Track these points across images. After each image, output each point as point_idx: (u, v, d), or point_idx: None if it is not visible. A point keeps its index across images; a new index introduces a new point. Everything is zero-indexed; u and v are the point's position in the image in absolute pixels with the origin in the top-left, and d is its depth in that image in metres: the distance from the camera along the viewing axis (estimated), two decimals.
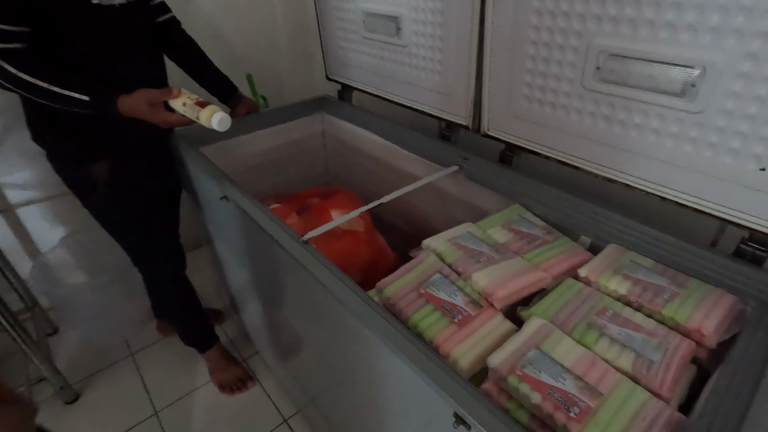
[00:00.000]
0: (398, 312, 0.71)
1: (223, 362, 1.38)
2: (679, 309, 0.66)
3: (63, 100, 0.83)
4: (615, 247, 0.81)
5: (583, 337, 0.63)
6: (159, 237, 1.13)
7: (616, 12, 0.70)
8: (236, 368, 1.38)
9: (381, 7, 1.14)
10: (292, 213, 1.21)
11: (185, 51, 1.18)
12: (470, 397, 0.52)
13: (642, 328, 0.64)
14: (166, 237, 1.16)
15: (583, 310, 0.68)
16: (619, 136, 0.80)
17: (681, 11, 0.64)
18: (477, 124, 1.06)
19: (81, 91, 0.82)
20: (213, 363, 1.38)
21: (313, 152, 1.61)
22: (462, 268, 0.77)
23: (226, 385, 1.36)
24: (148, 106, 0.87)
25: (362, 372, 0.76)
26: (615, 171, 0.84)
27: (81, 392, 1.38)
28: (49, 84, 0.81)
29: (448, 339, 0.65)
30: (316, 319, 0.85)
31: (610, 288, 0.72)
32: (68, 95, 0.82)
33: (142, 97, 0.86)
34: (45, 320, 1.57)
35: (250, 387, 1.38)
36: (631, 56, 0.71)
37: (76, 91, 0.82)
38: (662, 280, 0.72)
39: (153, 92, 0.88)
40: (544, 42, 0.83)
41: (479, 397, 0.52)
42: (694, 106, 0.68)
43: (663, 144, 0.74)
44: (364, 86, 1.38)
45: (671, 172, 0.76)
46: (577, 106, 0.84)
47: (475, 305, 0.71)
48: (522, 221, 0.91)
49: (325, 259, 0.76)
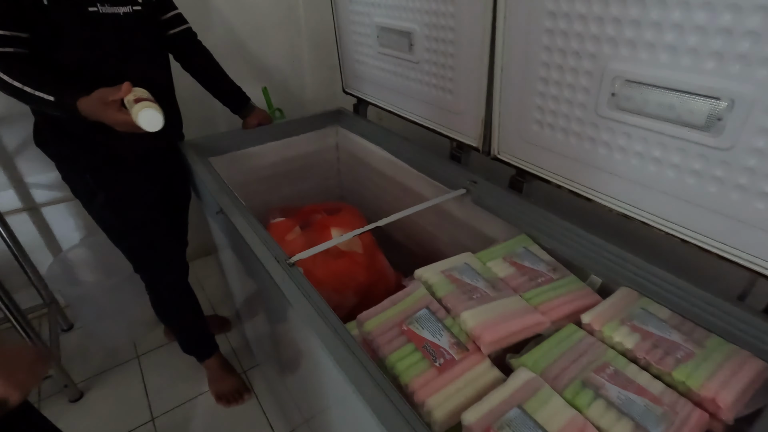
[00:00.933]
0: (376, 349, 0.66)
1: (221, 372, 1.37)
2: (693, 372, 0.58)
3: (34, 101, 0.83)
4: (627, 291, 0.73)
5: (576, 397, 0.56)
6: (157, 245, 1.13)
7: (633, 35, 0.64)
8: (234, 379, 1.37)
9: (394, 22, 1.11)
10: (296, 227, 1.19)
11: (198, 62, 1.19)
12: None
13: (646, 392, 0.57)
14: (165, 245, 1.16)
15: (580, 364, 0.61)
16: (635, 169, 0.72)
17: (706, 36, 0.56)
18: (487, 147, 1.00)
19: (48, 91, 0.82)
20: (212, 372, 1.37)
21: (327, 165, 1.59)
22: (452, 305, 0.71)
23: (223, 395, 1.35)
24: (102, 104, 0.82)
25: (335, 408, 0.72)
26: (631, 207, 0.76)
27: (85, 391, 1.40)
28: (23, 84, 0.81)
29: (426, 385, 0.60)
30: (298, 344, 0.82)
31: (615, 340, 0.64)
32: (38, 96, 0.82)
33: (95, 96, 0.82)
34: (61, 316, 1.62)
35: (246, 399, 1.36)
36: (650, 83, 0.64)
37: (44, 92, 0.82)
38: (677, 336, 0.64)
39: (105, 90, 0.83)
40: (556, 64, 0.77)
41: None
42: (720, 141, 0.60)
43: (684, 181, 0.66)
44: (379, 101, 1.35)
45: (693, 213, 0.67)
46: (590, 133, 0.77)
47: (461, 348, 0.65)
48: (527, 254, 0.84)
49: (307, 284, 0.72)
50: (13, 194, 1.48)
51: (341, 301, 1.05)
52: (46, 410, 1.32)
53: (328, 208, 1.25)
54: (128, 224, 1.07)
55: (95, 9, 0.87)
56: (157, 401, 1.37)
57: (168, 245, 1.17)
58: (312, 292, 0.70)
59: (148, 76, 0.97)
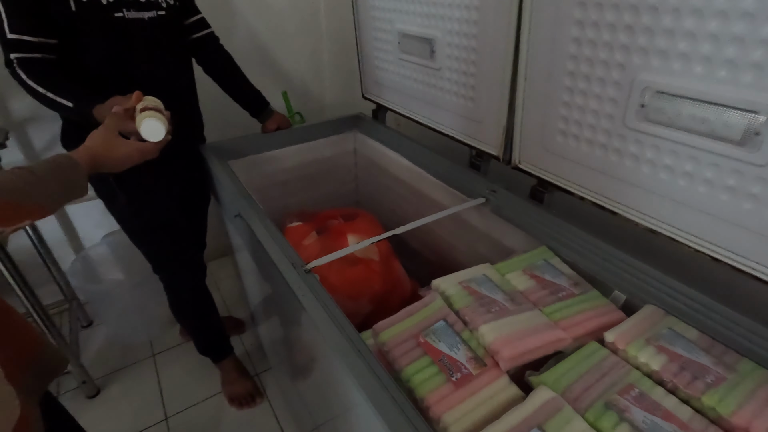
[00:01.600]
0: (392, 361, 0.65)
1: (235, 374, 1.37)
2: (724, 398, 0.55)
3: (56, 106, 0.85)
4: (653, 309, 0.71)
5: (599, 419, 0.54)
6: (176, 246, 1.15)
7: (666, 45, 0.62)
8: (247, 382, 1.37)
9: (416, 28, 1.11)
10: (312, 232, 1.18)
11: (220, 65, 1.20)
12: None
13: (673, 417, 0.54)
14: (184, 247, 1.17)
15: (603, 385, 0.59)
16: (665, 183, 0.70)
17: (744, 47, 0.54)
18: (508, 156, 0.99)
19: (68, 97, 0.84)
20: (225, 374, 1.38)
21: (345, 170, 1.59)
22: (470, 318, 0.69)
23: (236, 398, 1.35)
24: None
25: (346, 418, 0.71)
26: (658, 221, 0.73)
27: (102, 388, 1.43)
28: (45, 90, 0.83)
29: (442, 400, 0.58)
30: (311, 351, 0.81)
31: (641, 360, 0.62)
32: (58, 101, 0.84)
33: (108, 105, 0.83)
34: (81, 313, 1.65)
35: (258, 403, 1.36)
36: (682, 95, 0.62)
37: (64, 98, 0.83)
38: (706, 359, 0.61)
39: (118, 99, 0.83)
40: (582, 74, 0.75)
41: None
42: (757, 157, 0.57)
43: (717, 197, 0.64)
44: (398, 107, 1.35)
45: (726, 231, 0.65)
46: (617, 145, 0.75)
47: (479, 363, 0.63)
48: (547, 267, 0.82)
49: (323, 291, 0.72)
50: None
51: (356, 309, 1.04)
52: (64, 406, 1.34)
53: (345, 214, 1.25)
54: (148, 226, 1.09)
55: (121, 14, 0.89)
56: (171, 401, 1.38)
57: (187, 247, 1.18)
58: (328, 300, 0.69)
59: (172, 80, 0.98)
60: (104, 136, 0.72)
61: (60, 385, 1.43)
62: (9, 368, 0.55)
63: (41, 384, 0.66)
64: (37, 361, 0.65)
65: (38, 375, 0.64)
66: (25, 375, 0.60)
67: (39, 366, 0.65)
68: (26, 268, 1.47)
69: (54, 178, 0.61)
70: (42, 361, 0.66)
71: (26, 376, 0.61)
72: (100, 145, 0.71)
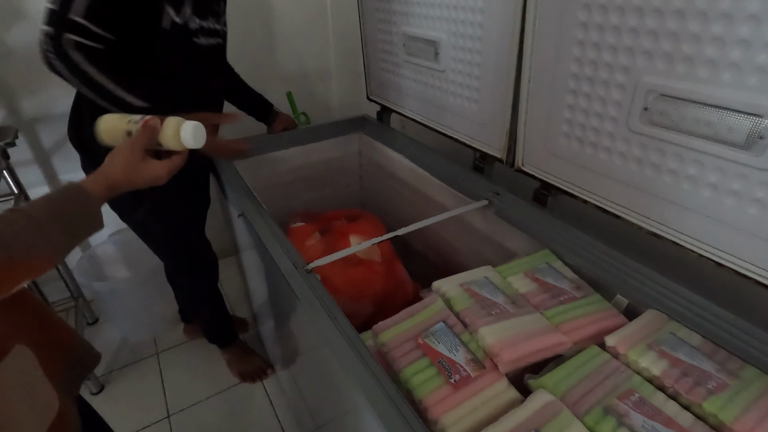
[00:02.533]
0: (391, 361, 0.65)
1: (241, 353, 1.44)
2: (726, 405, 0.54)
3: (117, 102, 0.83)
4: (655, 314, 0.70)
5: (598, 424, 0.54)
6: (197, 248, 1.19)
7: (670, 48, 0.61)
8: (256, 358, 1.45)
9: (420, 30, 1.11)
10: (315, 233, 1.19)
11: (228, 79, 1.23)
12: None
13: (673, 423, 0.53)
14: (203, 248, 1.21)
15: (603, 389, 0.59)
16: (669, 187, 0.69)
17: (750, 50, 0.54)
18: (511, 158, 0.98)
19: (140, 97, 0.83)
20: (232, 355, 1.44)
21: (349, 172, 1.60)
22: (470, 320, 0.69)
23: (247, 374, 1.41)
24: None
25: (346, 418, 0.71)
26: (662, 226, 0.73)
27: (106, 384, 1.44)
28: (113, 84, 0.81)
29: (440, 402, 0.58)
30: (311, 350, 0.81)
31: (641, 365, 0.61)
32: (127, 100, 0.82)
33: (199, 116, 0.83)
34: (87, 310, 1.67)
35: (270, 374, 1.43)
36: (686, 98, 0.62)
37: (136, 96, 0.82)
38: (709, 365, 0.60)
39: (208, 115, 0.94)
40: (586, 76, 0.74)
41: None
42: (761, 161, 0.56)
43: (721, 202, 0.63)
44: (402, 109, 1.35)
45: (730, 235, 0.64)
46: (621, 149, 0.74)
47: (478, 365, 0.63)
48: (549, 270, 0.82)
49: (324, 291, 0.72)
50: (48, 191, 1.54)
51: (358, 310, 1.04)
52: None
53: (348, 215, 1.25)
54: (171, 230, 1.11)
55: (198, 41, 0.95)
56: (174, 398, 1.39)
57: (206, 247, 1.23)
58: (328, 300, 0.70)
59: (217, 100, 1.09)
60: (127, 159, 0.63)
61: None
62: (47, 365, 0.54)
63: (77, 380, 0.65)
64: (73, 358, 0.64)
65: (74, 371, 0.63)
66: (61, 372, 0.59)
67: (74, 362, 0.64)
68: None
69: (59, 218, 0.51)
70: (77, 357, 0.65)
71: (63, 373, 0.59)
72: (121, 170, 0.62)
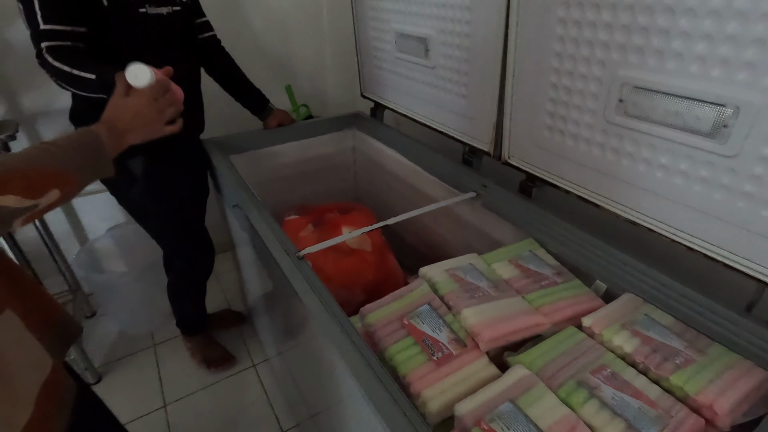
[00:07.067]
0: (377, 341, 0.68)
1: (205, 342, 1.49)
2: (691, 378, 0.57)
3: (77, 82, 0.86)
4: (631, 297, 0.73)
5: (570, 396, 0.57)
6: (194, 227, 1.22)
7: (642, 42, 0.65)
8: (218, 346, 1.49)
9: (411, 28, 1.14)
10: (309, 224, 1.22)
11: (222, 67, 1.25)
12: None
13: (642, 395, 0.57)
14: (199, 228, 1.24)
15: (577, 365, 0.62)
16: (643, 175, 0.73)
17: (713, 44, 0.57)
18: (498, 152, 1.02)
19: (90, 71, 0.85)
20: (195, 344, 1.48)
21: (343, 167, 1.63)
22: (453, 302, 0.72)
23: (211, 360, 1.46)
24: None
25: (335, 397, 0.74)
26: (638, 213, 0.76)
27: (103, 375, 1.46)
28: (70, 68, 0.85)
29: (423, 377, 0.61)
30: (302, 333, 0.84)
31: (615, 343, 0.65)
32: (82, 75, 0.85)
33: None
34: (85, 303, 1.69)
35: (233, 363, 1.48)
36: (657, 90, 0.65)
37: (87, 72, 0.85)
38: (678, 342, 0.63)
39: None
40: (566, 71, 0.78)
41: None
42: (726, 149, 0.60)
43: (691, 188, 0.66)
44: (395, 105, 1.38)
45: (700, 221, 0.67)
46: (599, 140, 0.77)
47: (460, 344, 0.66)
48: (532, 258, 0.85)
49: (314, 275, 0.75)
50: None
51: (349, 298, 1.07)
52: None
53: (341, 208, 1.28)
54: (167, 207, 1.14)
55: (144, 10, 0.95)
56: (170, 389, 1.42)
57: (205, 236, 1.25)
58: (318, 284, 0.73)
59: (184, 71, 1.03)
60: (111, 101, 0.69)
61: None
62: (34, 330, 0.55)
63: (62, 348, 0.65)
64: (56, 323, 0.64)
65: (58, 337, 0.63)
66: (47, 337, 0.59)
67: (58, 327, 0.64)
68: (33, 258, 1.52)
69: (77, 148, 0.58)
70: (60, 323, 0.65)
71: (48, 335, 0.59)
72: (109, 110, 0.68)
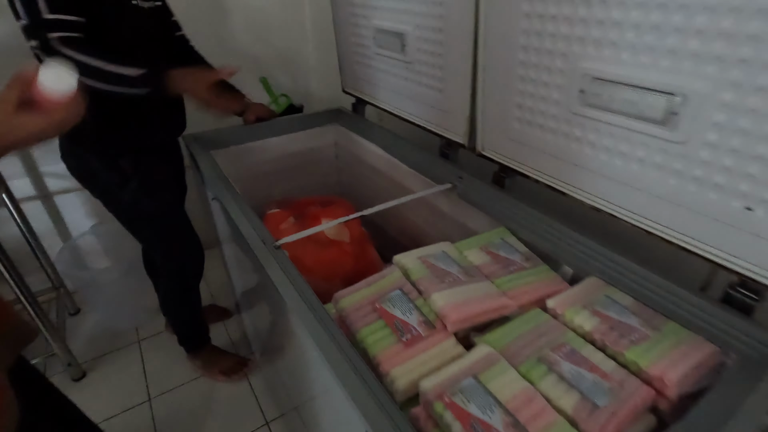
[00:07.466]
0: (350, 324, 0.70)
1: (217, 354, 1.45)
2: (644, 353, 0.61)
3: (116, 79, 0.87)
4: (594, 280, 0.76)
5: (530, 371, 0.60)
6: (186, 230, 1.21)
7: (599, 34, 0.68)
8: (230, 355, 1.47)
9: (388, 24, 1.16)
10: (289, 218, 1.23)
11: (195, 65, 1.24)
12: (385, 419, 0.50)
13: (597, 369, 0.60)
14: (191, 231, 1.23)
15: (539, 343, 0.65)
16: (604, 163, 0.76)
17: (661, 35, 0.60)
18: (473, 144, 1.04)
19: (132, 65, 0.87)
20: (206, 360, 1.43)
21: (326, 162, 1.65)
22: (424, 287, 0.75)
23: (229, 370, 1.42)
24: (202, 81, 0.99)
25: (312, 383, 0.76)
26: (600, 199, 0.79)
27: (88, 371, 1.47)
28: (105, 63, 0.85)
29: (392, 357, 0.64)
30: (280, 322, 0.86)
31: (576, 323, 0.68)
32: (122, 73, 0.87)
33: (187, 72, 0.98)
34: (69, 301, 1.69)
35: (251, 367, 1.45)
36: (614, 80, 0.68)
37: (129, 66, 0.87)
38: (635, 321, 0.67)
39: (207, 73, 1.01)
40: (532, 63, 0.81)
41: (402, 422, 0.50)
42: (676, 135, 0.63)
43: (647, 174, 0.70)
44: (375, 100, 1.40)
45: (656, 205, 0.70)
46: (564, 130, 0.80)
47: (429, 326, 0.69)
48: (503, 245, 0.88)
49: (290, 264, 0.77)
50: (28, 182, 1.56)
51: (329, 288, 1.08)
52: None
53: (323, 201, 1.30)
54: (161, 208, 1.13)
55: (136, 2, 0.96)
56: (155, 383, 1.43)
57: (192, 231, 1.24)
58: (293, 271, 0.75)
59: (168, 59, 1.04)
60: None
61: (47, 367, 1.47)
62: None
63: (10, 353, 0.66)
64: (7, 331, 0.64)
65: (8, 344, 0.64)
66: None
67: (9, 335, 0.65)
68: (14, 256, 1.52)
69: None
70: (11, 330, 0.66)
71: None
72: None
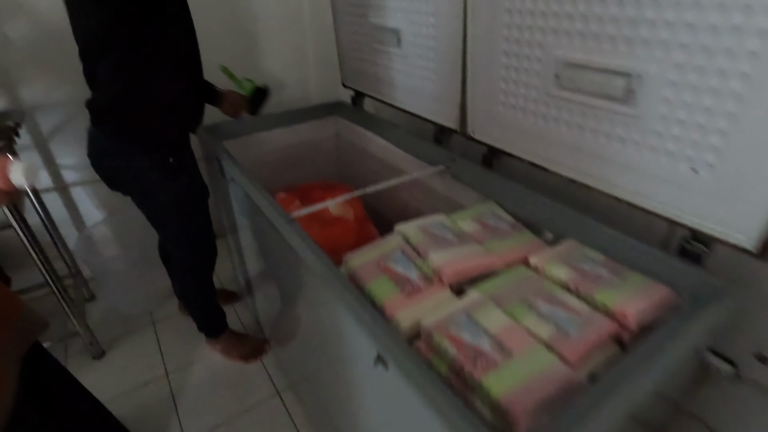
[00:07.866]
0: (358, 280, 0.80)
1: (236, 338, 1.53)
2: (611, 295, 0.72)
3: None
4: (571, 242, 0.87)
5: (513, 310, 0.70)
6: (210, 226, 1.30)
7: (569, 26, 0.79)
8: (249, 338, 1.56)
9: (385, 20, 1.27)
10: (296, 201, 1.34)
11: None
12: (391, 343, 0.61)
13: (571, 309, 0.71)
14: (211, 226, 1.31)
15: (522, 291, 0.75)
16: (577, 138, 0.87)
17: (619, 25, 0.71)
18: (464, 128, 1.15)
19: None
20: (226, 343, 1.51)
21: (327, 152, 1.75)
22: (422, 249, 0.85)
23: (249, 354, 1.51)
24: None
25: (327, 330, 0.87)
26: (576, 172, 0.90)
27: (107, 350, 1.56)
28: None
29: (396, 305, 0.74)
30: (297, 284, 0.97)
31: (554, 274, 0.78)
32: None
33: None
34: (85, 287, 1.78)
35: (268, 349, 1.54)
36: (583, 65, 0.79)
37: None
38: (605, 272, 0.78)
39: None
40: (514, 53, 0.91)
41: (402, 344, 0.61)
42: (634, 110, 0.74)
43: (613, 146, 0.81)
44: (374, 92, 1.51)
45: (622, 174, 0.81)
46: (543, 111, 0.91)
47: (427, 281, 0.79)
48: (492, 216, 0.99)
49: (305, 233, 0.87)
50: (46, 174, 1.65)
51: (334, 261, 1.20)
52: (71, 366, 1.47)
53: (326, 186, 1.40)
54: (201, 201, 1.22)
55: None
56: (171, 359, 1.52)
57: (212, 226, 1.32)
58: (308, 239, 0.85)
59: None
60: None
61: (68, 347, 1.56)
62: None
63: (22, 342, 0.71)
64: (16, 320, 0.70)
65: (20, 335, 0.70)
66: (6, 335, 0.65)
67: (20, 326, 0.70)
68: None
69: None
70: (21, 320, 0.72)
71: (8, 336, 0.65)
72: None
